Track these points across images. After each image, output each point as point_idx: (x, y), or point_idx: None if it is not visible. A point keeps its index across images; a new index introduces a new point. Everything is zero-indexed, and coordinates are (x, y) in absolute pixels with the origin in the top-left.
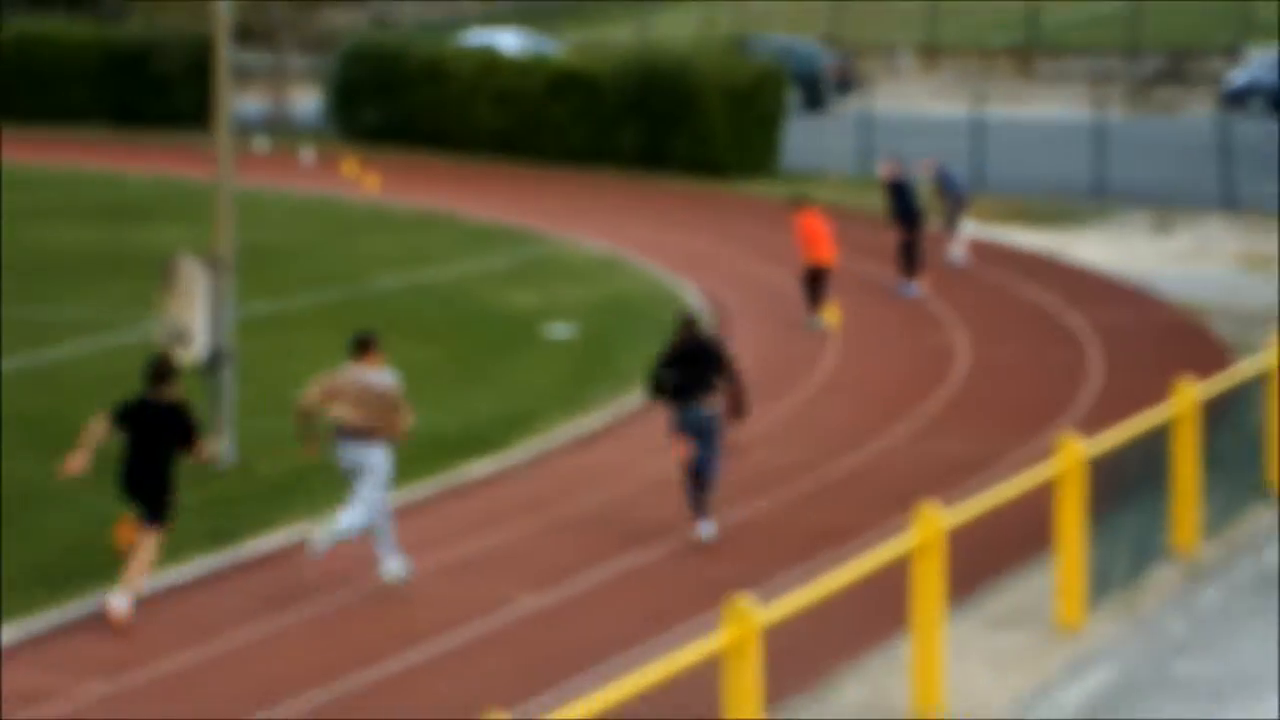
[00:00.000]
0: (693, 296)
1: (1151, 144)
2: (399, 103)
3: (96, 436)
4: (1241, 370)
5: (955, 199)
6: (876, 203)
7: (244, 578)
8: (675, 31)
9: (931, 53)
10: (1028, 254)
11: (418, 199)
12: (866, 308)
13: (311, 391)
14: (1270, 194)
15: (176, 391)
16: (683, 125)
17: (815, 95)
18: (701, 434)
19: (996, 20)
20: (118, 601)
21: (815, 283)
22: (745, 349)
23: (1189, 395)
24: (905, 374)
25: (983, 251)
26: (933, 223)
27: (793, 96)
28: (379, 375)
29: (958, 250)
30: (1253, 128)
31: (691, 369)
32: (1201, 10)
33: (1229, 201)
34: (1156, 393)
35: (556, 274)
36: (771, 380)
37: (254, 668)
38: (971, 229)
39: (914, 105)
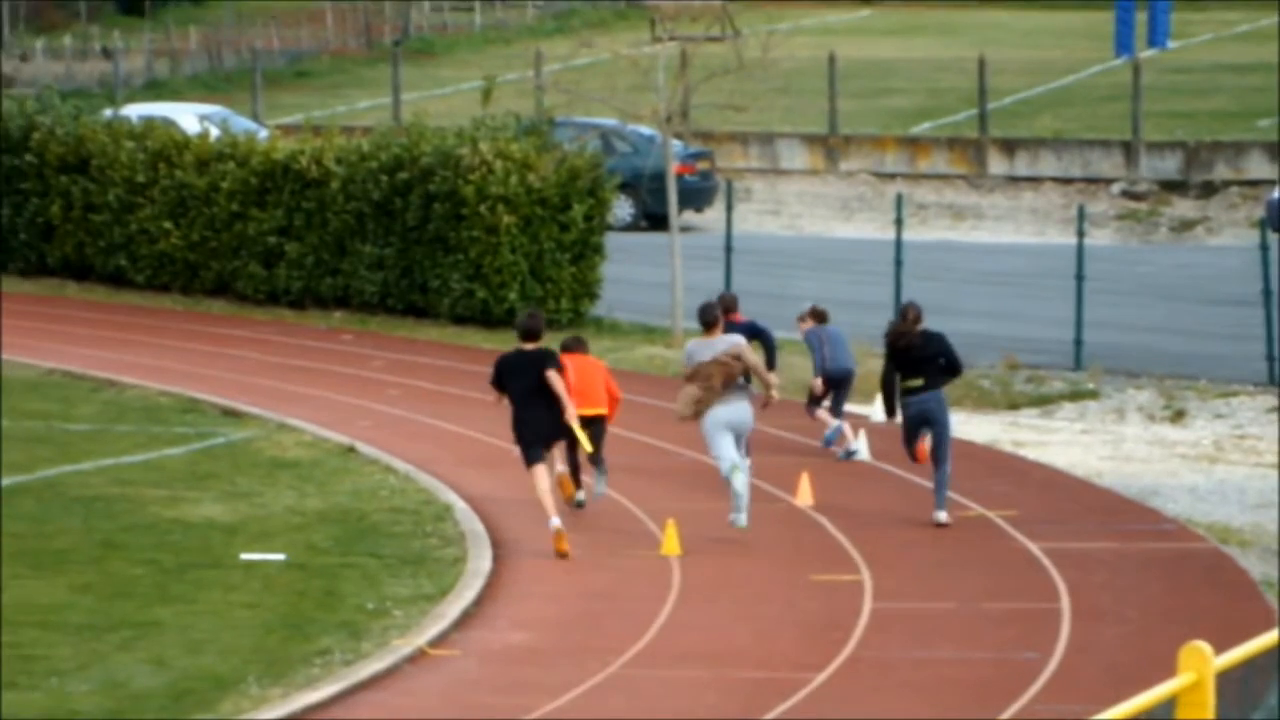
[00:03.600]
0: (456, 508)
1: (1155, 286)
2: (18, 211)
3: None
4: None
5: (829, 369)
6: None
7: None
8: (449, 110)
9: (829, 144)
10: (966, 451)
11: (45, 356)
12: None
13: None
14: None
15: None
16: (450, 250)
17: (655, 207)
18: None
19: (928, 93)
20: (556, 522)
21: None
22: (535, 593)
23: (1202, 666)
24: (780, 631)
25: (893, 446)
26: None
27: (620, 209)
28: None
29: (851, 438)
30: None
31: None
32: (1231, 86)
33: (1271, 373)
34: (1154, 662)
35: (258, 472)
36: (568, 642)
37: None
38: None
39: (804, 225)
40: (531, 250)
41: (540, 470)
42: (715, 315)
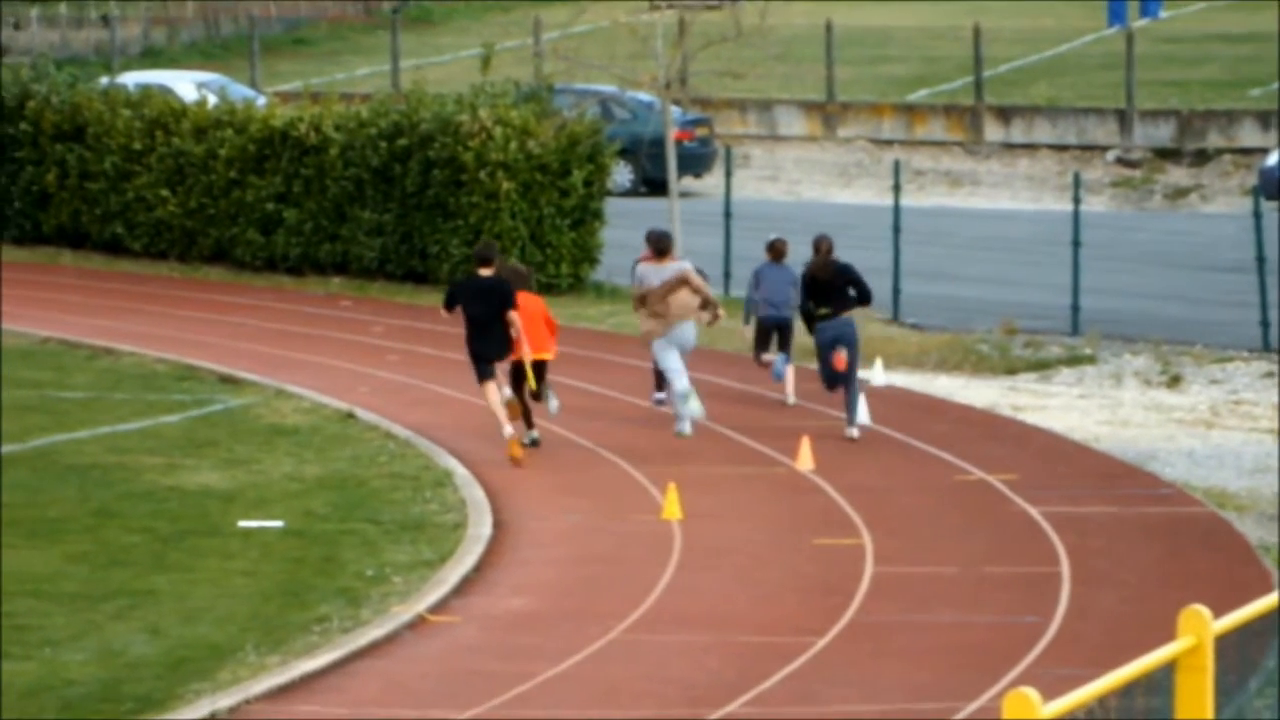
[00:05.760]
0: (456, 474)
1: (1151, 252)
2: (12, 179)
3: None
4: None
5: (760, 316)
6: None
7: None
8: (448, 77)
9: (827, 111)
10: (965, 415)
11: (40, 324)
12: (739, 489)
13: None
14: None
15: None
16: (450, 216)
17: (654, 173)
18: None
19: (924, 61)
20: (509, 430)
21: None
22: (535, 558)
23: (1200, 631)
24: (781, 595)
25: (893, 410)
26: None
27: (619, 175)
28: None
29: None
30: None
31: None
32: (1223, 56)
33: (1266, 339)
34: (1154, 626)
35: (256, 439)
36: (569, 608)
37: None
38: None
39: (803, 190)
40: (531, 216)
41: (491, 385)
42: (670, 243)
